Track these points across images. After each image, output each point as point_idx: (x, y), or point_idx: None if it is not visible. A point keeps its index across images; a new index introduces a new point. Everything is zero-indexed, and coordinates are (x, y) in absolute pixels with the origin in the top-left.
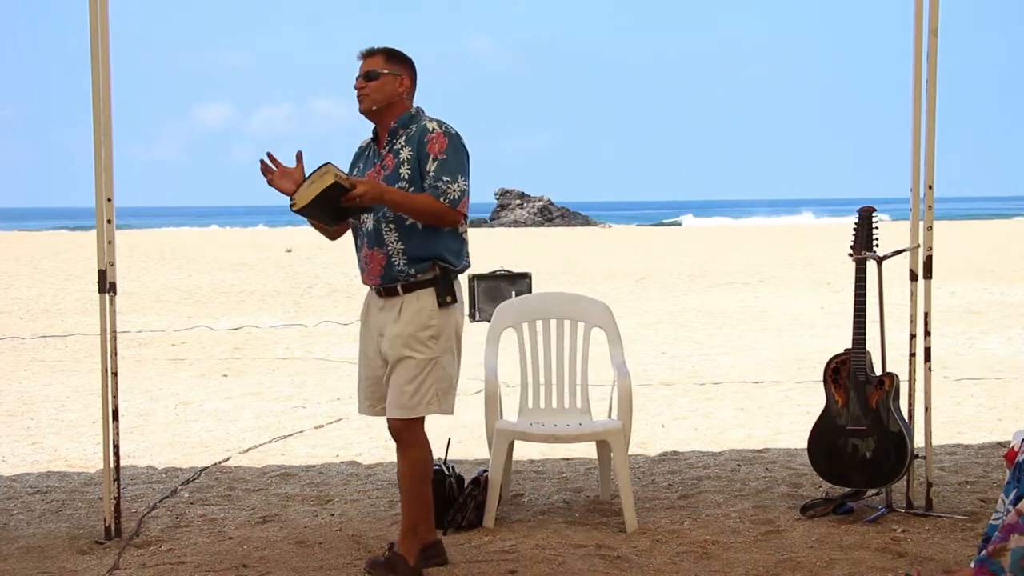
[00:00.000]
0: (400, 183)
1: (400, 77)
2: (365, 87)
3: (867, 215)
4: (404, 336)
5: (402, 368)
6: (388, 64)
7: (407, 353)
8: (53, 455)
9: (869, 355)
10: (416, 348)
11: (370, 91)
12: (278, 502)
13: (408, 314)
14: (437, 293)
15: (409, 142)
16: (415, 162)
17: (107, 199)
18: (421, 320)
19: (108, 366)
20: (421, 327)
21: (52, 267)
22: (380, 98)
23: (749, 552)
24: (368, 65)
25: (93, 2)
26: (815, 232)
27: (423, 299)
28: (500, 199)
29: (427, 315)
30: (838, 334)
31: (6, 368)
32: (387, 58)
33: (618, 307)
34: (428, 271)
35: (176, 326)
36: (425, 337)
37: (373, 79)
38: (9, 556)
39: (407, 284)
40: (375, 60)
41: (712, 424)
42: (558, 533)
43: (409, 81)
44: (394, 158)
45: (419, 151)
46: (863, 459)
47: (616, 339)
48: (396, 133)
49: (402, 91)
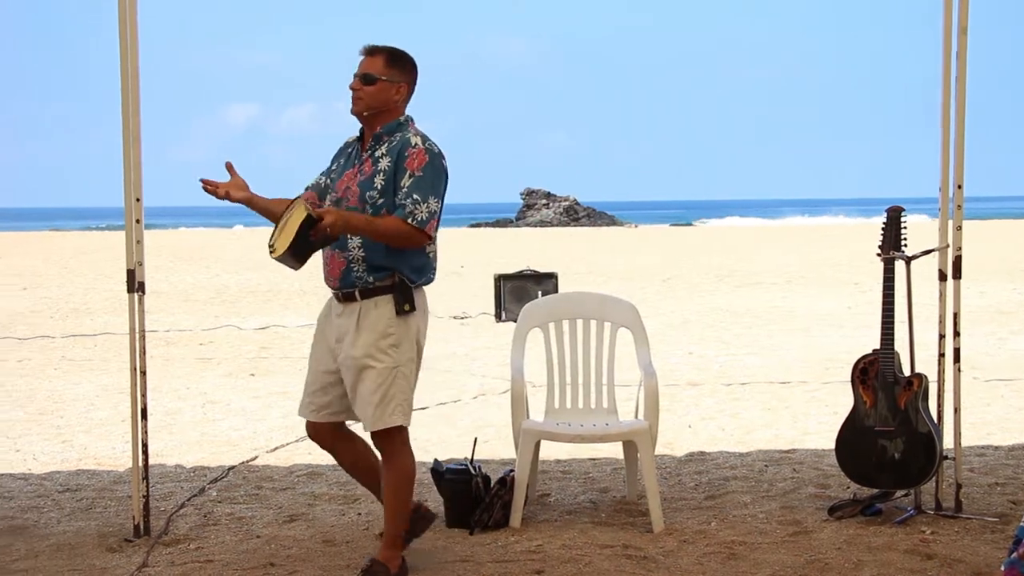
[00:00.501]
0: (371, 191)
1: (398, 85)
2: (360, 90)
3: (895, 215)
4: (365, 345)
5: (365, 379)
6: (388, 69)
7: (369, 363)
8: (83, 453)
9: (897, 355)
10: (377, 357)
11: (365, 95)
12: (305, 501)
13: (367, 322)
14: (395, 301)
15: (390, 152)
16: (391, 174)
17: (136, 199)
18: (380, 328)
19: (137, 365)
20: (381, 335)
21: (81, 266)
22: (374, 104)
23: (776, 553)
24: (367, 66)
25: (122, 5)
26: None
27: (381, 307)
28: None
29: (386, 323)
30: (866, 334)
31: (36, 367)
32: (388, 62)
33: (644, 307)
34: (386, 279)
35: (204, 325)
36: (386, 346)
37: (369, 83)
38: (40, 553)
39: (364, 290)
40: (375, 62)
41: (739, 424)
42: (585, 533)
43: (407, 88)
44: (372, 164)
45: (397, 164)
46: (891, 460)
47: (643, 339)
48: (380, 139)
49: (398, 99)
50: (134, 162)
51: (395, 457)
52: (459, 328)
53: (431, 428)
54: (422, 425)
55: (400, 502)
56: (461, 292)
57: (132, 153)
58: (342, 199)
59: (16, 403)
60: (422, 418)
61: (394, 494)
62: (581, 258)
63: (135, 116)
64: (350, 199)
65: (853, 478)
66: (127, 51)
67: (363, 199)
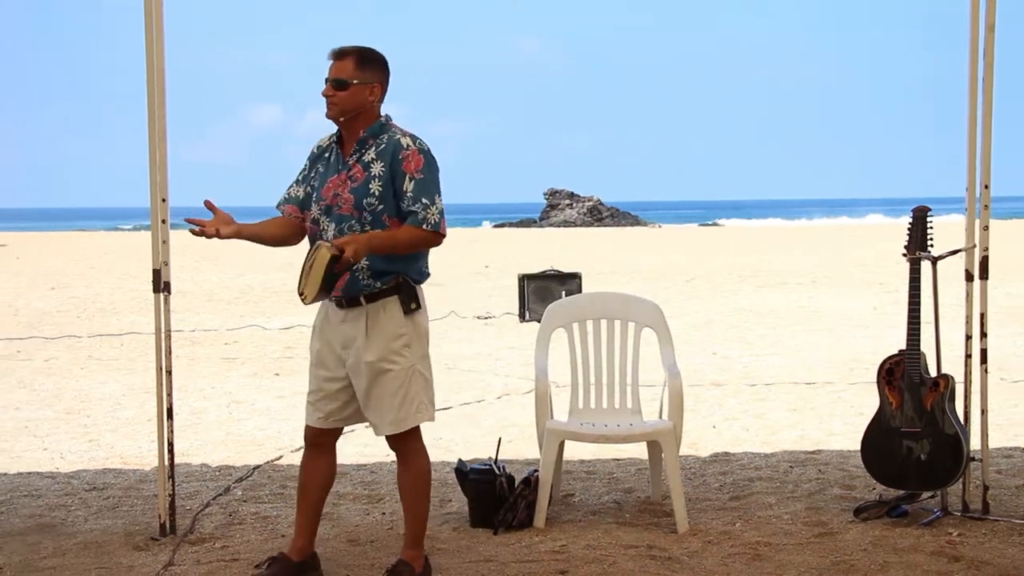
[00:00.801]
0: (369, 198)
1: (371, 86)
2: (334, 95)
3: (921, 215)
4: (378, 349)
5: (383, 382)
6: (359, 71)
7: (385, 366)
8: (109, 452)
9: (924, 356)
10: (393, 360)
11: (339, 100)
12: (329, 500)
13: (377, 326)
14: (401, 301)
15: (381, 156)
16: (388, 179)
17: (162, 199)
18: (391, 331)
19: (163, 365)
20: (393, 337)
21: (107, 266)
22: (348, 108)
23: (802, 554)
24: (337, 70)
25: (148, 6)
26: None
27: (389, 309)
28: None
29: (396, 325)
30: (892, 335)
31: (64, 366)
32: (358, 63)
33: (668, 307)
34: (391, 281)
35: (229, 325)
36: (399, 347)
37: (342, 88)
38: (67, 551)
39: (370, 295)
40: (345, 66)
41: (764, 425)
42: (609, 533)
43: (380, 88)
44: (364, 170)
45: (393, 168)
46: (918, 461)
47: (667, 339)
48: (366, 143)
49: (372, 99)
50: (160, 163)
51: (413, 457)
52: (483, 328)
53: (455, 428)
54: (446, 425)
55: (421, 502)
56: (485, 292)
57: (158, 154)
58: (332, 207)
59: (44, 402)
60: (446, 418)
61: (415, 494)
62: (605, 258)
63: (161, 117)
64: (342, 206)
65: (879, 479)
66: (153, 52)
67: (360, 206)
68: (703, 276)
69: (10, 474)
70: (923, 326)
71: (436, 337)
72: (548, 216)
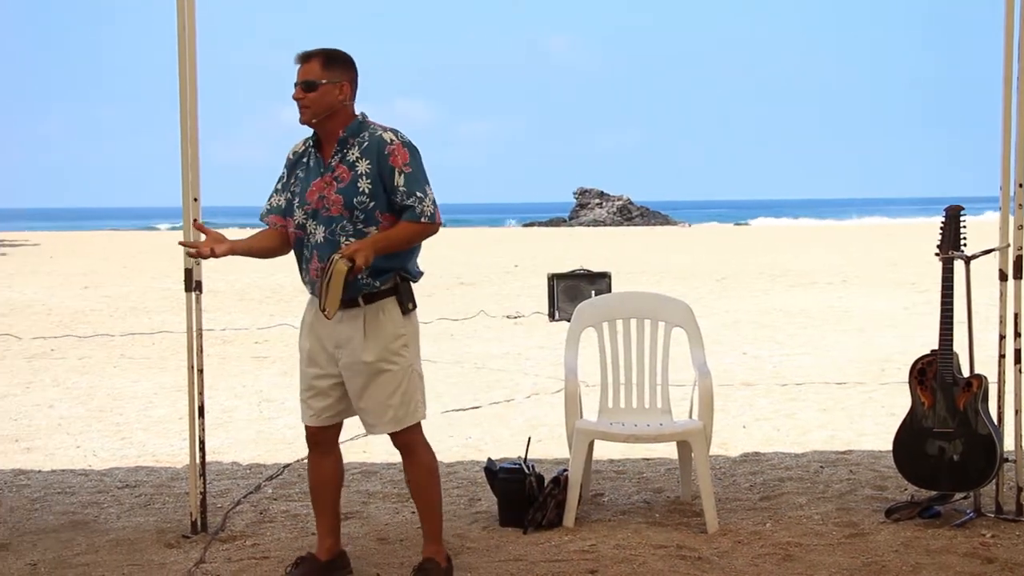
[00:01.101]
0: (359, 196)
1: (339, 84)
2: (304, 98)
3: (954, 214)
4: (378, 350)
5: (381, 382)
6: (325, 71)
7: (384, 367)
8: (141, 450)
9: (956, 356)
10: (392, 360)
11: (309, 102)
12: (359, 499)
13: (376, 327)
14: (400, 302)
15: (365, 154)
16: (376, 176)
17: (193, 199)
18: (391, 331)
19: (194, 363)
20: (392, 338)
21: (140, 266)
22: (320, 109)
23: (833, 555)
24: (304, 73)
25: (181, 6)
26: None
27: (388, 310)
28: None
29: (395, 325)
30: (923, 335)
31: (96, 365)
32: (324, 64)
33: (698, 307)
34: (389, 281)
35: (259, 324)
36: (398, 347)
37: (311, 90)
38: (100, 548)
39: (368, 295)
40: (311, 68)
41: (794, 425)
42: (638, 533)
43: (349, 87)
44: (349, 170)
45: (380, 164)
46: (950, 462)
47: (697, 339)
48: (347, 143)
49: (342, 98)
50: (192, 162)
51: (418, 452)
52: (512, 327)
53: (485, 427)
54: (475, 424)
55: (433, 496)
56: (514, 292)
57: (190, 154)
58: (318, 210)
59: (77, 400)
60: (476, 417)
61: (425, 489)
62: (634, 257)
63: (193, 117)
64: (330, 208)
65: (911, 480)
66: (185, 53)
67: (350, 206)
68: (733, 276)
69: (44, 471)
70: (956, 326)
71: (465, 336)
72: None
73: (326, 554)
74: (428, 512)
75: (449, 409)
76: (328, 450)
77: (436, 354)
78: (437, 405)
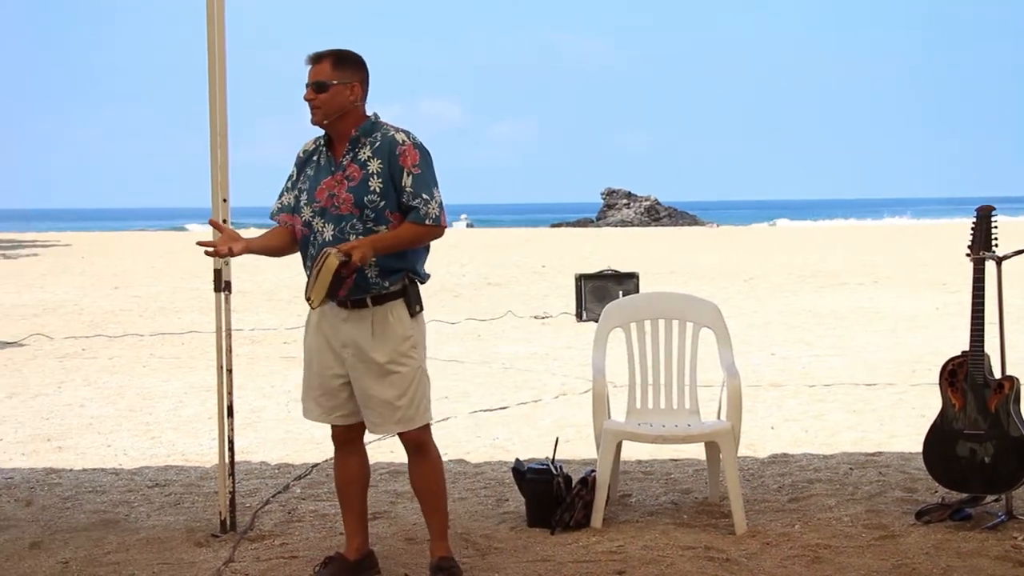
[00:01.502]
0: (370, 195)
1: (350, 85)
2: (315, 99)
3: (986, 214)
4: (387, 352)
5: (390, 383)
6: (336, 72)
7: (394, 368)
8: (171, 449)
9: (988, 358)
10: (402, 362)
11: (321, 103)
12: (387, 499)
13: (385, 329)
14: (407, 304)
15: (377, 153)
16: (387, 176)
17: (223, 199)
18: (400, 333)
19: (223, 363)
20: (401, 340)
21: (169, 266)
22: (331, 110)
23: (862, 557)
24: (315, 74)
25: (210, 7)
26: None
27: (396, 311)
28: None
29: (404, 327)
30: (954, 336)
31: (126, 364)
32: (335, 65)
33: (726, 307)
34: (398, 282)
35: (288, 324)
36: (407, 349)
37: (322, 91)
38: (131, 547)
39: (376, 296)
40: (322, 69)
41: (823, 426)
42: (666, 534)
43: (360, 87)
44: (360, 169)
45: (391, 164)
46: (981, 464)
47: (725, 339)
48: (358, 142)
49: (353, 99)
50: (221, 163)
51: (427, 452)
52: (540, 328)
53: (512, 428)
54: (503, 424)
55: (441, 495)
56: (542, 292)
57: (219, 154)
58: (327, 208)
59: (107, 400)
60: (503, 418)
61: (434, 489)
62: (662, 258)
63: (222, 118)
64: (340, 207)
65: (941, 482)
66: (215, 54)
67: (360, 204)
68: (761, 276)
69: (75, 470)
70: (987, 327)
71: (493, 337)
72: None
73: (354, 553)
74: (439, 511)
75: (477, 410)
76: (352, 450)
77: (463, 354)
78: (464, 405)
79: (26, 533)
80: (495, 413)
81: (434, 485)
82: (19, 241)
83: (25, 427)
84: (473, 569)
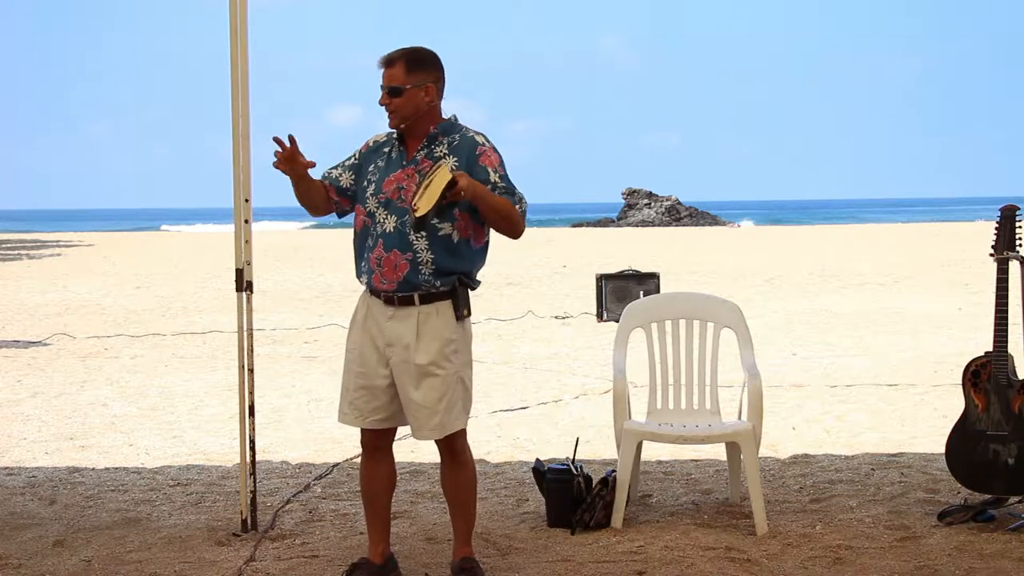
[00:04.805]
0: None
1: (425, 87)
2: (391, 103)
3: (1010, 213)
4: (430, 353)
5: (428, 386)
6: (409, 76)
7: (433, 370)
8: (192, 449)
9: (1011, 358)
10: (442, 365)
11: (396, 107)
12: (408, 499)
13: (430, 330)
14: (455, 307)
15: (455, 151)
16: (465, 172)
17: (244, 200)
18: (445, 335)
19: (245, 363)
20: (445, 343)
21: (191, 266)
22: (408, 113)
23: (884, 558)
24: (389, 79)
25: (233, 9)
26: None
27: (442, 312)
28: (628, 199)
29: (449, 330)
30: (977, 337)
31: (148, 364)
32: (408, 68)
33: (747, 307)
34: (448, 284)
35: (309, 324)
36: (449, 352)
37: (396, 95)
38: (152, 545)
39: (425, 295)
40: (396, 72)
41: (844, 427)
42: (687, 535)
43: (435, 87)
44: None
45: (470, 163)
46: (1004, 465)
47: (746, 340)
48: (435, 139)
49: (429, 99)
50: (243, 164)
51: (462, 456)
52: (561, 328)
53: (533, 427)
54: (524, 424)
55: (471, 502)
56: (563, 292)
57: (241, 155)
58: (393, 200)
59: (129, 399)
60: (524, 417)
61: (465, 492)
62: (683, 258)
63: (245, 119)
64: (407, 200)
65: (964, 483)
66: (237, 55)
67: None
68: (783, 276)
69: (98, 469)
70: (1011, 327)
71: (513, 337)
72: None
73: (380, 557)
74: (467, 515)
75: (497, 409)
76: (381, 456)
77: (484, 354)
78: (485, 405)
79: (49, 531)
80: (516, 413)
81: (465, 493)
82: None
83: (48, 426)
84: (493, 569)
